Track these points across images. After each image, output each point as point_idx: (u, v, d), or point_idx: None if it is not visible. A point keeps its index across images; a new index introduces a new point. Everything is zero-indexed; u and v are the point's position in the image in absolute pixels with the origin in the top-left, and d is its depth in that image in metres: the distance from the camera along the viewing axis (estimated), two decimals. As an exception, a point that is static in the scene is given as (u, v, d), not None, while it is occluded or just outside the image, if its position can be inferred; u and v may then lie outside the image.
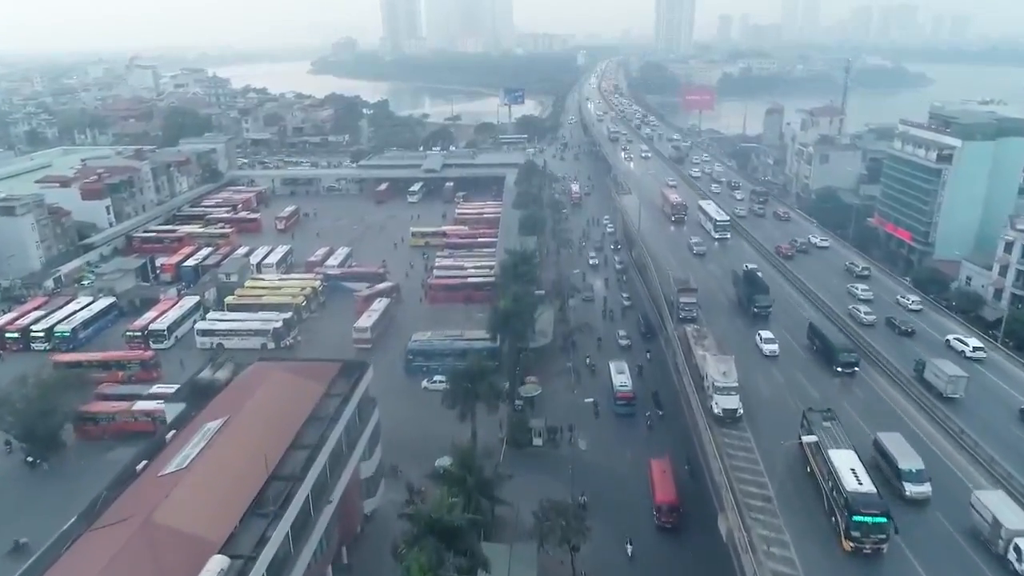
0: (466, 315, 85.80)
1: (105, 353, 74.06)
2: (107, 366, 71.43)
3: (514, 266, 71.28)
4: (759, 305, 67.00)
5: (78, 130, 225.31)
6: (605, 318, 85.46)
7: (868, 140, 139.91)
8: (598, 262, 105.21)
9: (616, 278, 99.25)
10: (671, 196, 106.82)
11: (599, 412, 62.70)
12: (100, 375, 70.21)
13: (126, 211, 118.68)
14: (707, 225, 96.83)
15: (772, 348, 59.61)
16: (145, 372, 70.83)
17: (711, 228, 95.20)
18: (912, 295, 71.30)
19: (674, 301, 67.45)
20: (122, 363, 71.78)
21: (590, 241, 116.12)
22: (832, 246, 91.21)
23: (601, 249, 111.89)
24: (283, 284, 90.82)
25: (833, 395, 53.33)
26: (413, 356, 71.29)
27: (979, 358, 57.58)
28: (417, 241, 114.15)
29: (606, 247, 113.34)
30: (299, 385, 44.44)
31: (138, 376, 70.27)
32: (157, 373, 71.22)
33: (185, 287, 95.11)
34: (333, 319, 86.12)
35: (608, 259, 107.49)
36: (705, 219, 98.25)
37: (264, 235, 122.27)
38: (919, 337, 62.98)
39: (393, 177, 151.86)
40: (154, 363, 72.00)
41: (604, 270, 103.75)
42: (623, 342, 77.61)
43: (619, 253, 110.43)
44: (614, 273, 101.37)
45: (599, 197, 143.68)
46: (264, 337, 77.30)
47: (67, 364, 70.98)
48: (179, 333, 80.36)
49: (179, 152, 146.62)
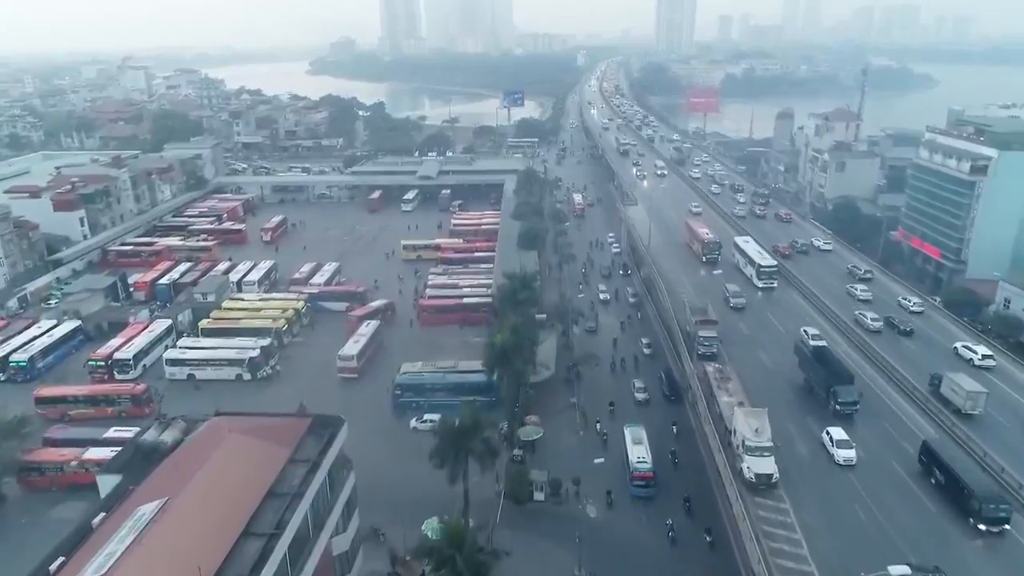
0: (461, 340, 79.14)
1: (92, 387, 67.09)
2: (95, 401, 64.68)
3: (513, 292, 64.48)
4: (843, 401, 49.91)
5: (64, 133, 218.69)
6: (615, 370, 70.88)
7: (885, 146, 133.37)
8: (609, 296, 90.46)
9: (630, 315, 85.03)
10: (700, 231, 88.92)
11: (612, 502, 50.59)
12: (86, 411, 63.93)
13: (102, 222, 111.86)
14: (747, 270, 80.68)
15: (848, 455, 44.76)
16: (136, 408, 64.20)
17: (752, 274, 78.83)
18: (913, 297, 72.53)
19: (691, 332, 60.75)
20: (111, 398, 64.94)
21: (596, 267, 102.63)
22: (836, 249, 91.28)
23: (610, 277, 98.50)
24: (264, 305, 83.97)
25: (955, 553, 38.06)
26: (402, 391, 64.54)
27: (988, 366, 56.54)
28: (409, 255, 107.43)
29: (615, 273, 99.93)
30: (259, 451, 37.73)
31: (128, 412, 63.81)
32: (150, 409, 64.56)
33: (160, 307, 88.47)
34: (319, 343, 79.33)
35: (620, 292, 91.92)
36: (744, 261, 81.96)
37: (249, 247, 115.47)
38: (920, 338, 64.20)
39: (387, 184, 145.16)
40: (146, 397, 65.20)
41: (616, 307, 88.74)
42: (639, 396, 64.81)
43: (630, 281, 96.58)
44: (628, 308, 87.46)
45: (604, 207, 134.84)
46: (239, 367, 70.52)
47: (50, 400, 64.53)
48: (148, 362, 73.51)
49: (161, 158, 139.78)
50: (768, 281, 77.50)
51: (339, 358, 71.91)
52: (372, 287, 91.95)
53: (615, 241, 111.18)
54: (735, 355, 58.48)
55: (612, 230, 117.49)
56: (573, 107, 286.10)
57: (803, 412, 52.35)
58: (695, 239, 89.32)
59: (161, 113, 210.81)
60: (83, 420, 62.72)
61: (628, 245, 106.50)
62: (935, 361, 58.16)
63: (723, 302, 72.22)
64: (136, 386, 66.15)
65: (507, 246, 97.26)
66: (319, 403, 65.53)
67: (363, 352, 73.55)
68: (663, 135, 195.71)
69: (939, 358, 59.16)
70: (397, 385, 64.63)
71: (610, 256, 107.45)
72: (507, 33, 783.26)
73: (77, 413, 63.90)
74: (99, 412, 63.89)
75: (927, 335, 64.61)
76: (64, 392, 65.78)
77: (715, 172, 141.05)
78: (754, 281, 77.98)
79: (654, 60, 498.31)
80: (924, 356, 60.00)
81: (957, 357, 58.92)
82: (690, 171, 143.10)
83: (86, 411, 64.06)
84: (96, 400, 64.77)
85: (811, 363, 55.04)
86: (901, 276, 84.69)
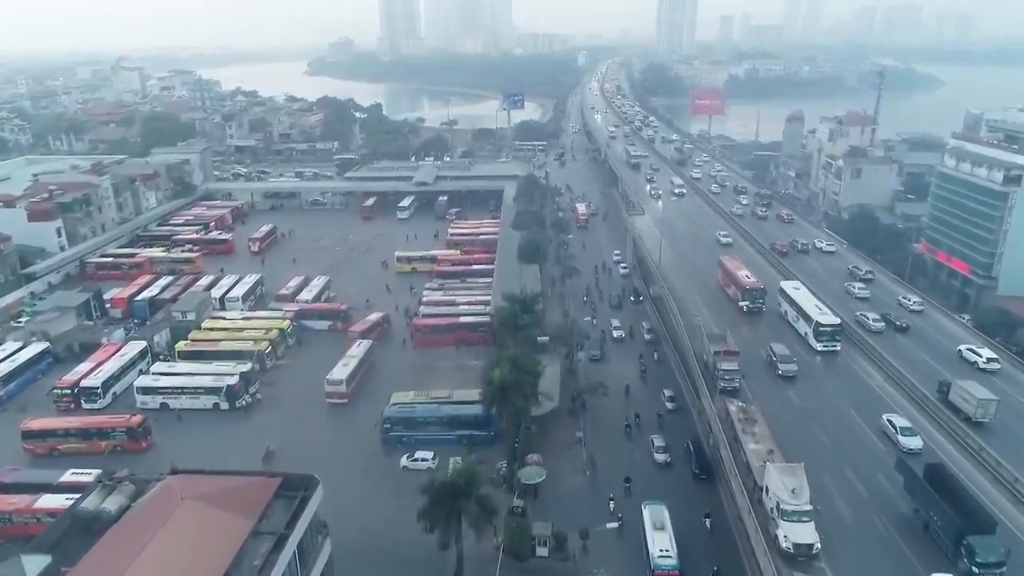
0: (457, 363, 73.90)
1: (83, 419, 61.29)
2: (87, 435, 59.18)
3: (513, 317, 59.02)
4: (982, 562, 34.55)
5: (53, 136, 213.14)
6: (630, 431, 59.66)
7: (901, 151, 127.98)
8: (624, 333, 78.65)
9: (645, 355, 73.35)
10: (738, 273, 71.81)
11: None
12: (77, 446, 58.61)
13: (81, 233, 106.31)
14: (799, 326, 63.58)
15: None
16: (132, 442, 58.95)
17: (808, 332, 61.50)
18: (913, 296, 71.73)
19: (708, 362, 55.27)
20: (104, 431, 59.41)
21: (604, 294, 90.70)
22: (838, 251, 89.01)
23: (620, 307, 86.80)
24: (246, 325, 78.49)
25: None
26: (391, 425, 59.06)
27: (993, 369, 55.34)
28: (403, 267, 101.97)
29: (626, 303, 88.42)
30: (217, 522, 32.30)
31: (124, 446, 58.69)
32: (147, 442, 59.60)
33: (137, 326, 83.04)
34: (305, 366, 73.89)
35: (635, 329, 80.00)
36: (793, 313, 65.03)
37: (237, 258, 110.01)
38: (917, 335, 64.02)
39: (382, 191, 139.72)
40: (143, 430, 59.76)
41: (631, 345, 76.69)
42: (660, 457, 54.80)
43: (643, 310, 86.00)
44: (644, 346, 75.92)
45: (609, 222, 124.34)
46: (216, 396, 65.04)
47: (38, 434, 59.08)
48: (119, 389, 68.06)
49: (147, 164, 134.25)
50: (830, 343, 60.03)
51: (327, 382, 66.75)
52: (363, 304, 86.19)
53: (622, 261, 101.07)
54: (790, 447, 44.28)
55: (618, 243, 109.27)
56: (574, 109, 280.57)
57: (895, 542, 38.61)
58: (731, 282, 72.69)
59: (151, 116, 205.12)
60: (73, 455, 57.79)
61: (634, 256, 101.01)
62: (939, 365, 57.26)
63: (767, 366, 58.15)
64: (132, 417, 60.44)
65: (507, 259, 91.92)
66: (300, 437, 60.75)
67: (353, 375, 68.31)
68: (664, 136, 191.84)
69: (943, 362, 58.14)
70: (386, 418, 59.14)
71: (619, 280, 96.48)
72: (507, 33, 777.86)
73: (67, 448, 58.65)
74: (91, 447, 58.70)
75: (925, 332, 64.80)
76: (54, 425, 60.10)
77: (716, 172, 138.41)
78: (810, 341, 61.03)
79: (655, 60, 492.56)
80: (929, 360, 58.64)
81: (961, 360, 57.80)
82: (691, 171, 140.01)
83: (77, 445, 58.80)
84: (88, 434, 59.27)
85: (925, 492, 38.98)
86: (925, 291, 79.31)
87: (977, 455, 44.49)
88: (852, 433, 49.11)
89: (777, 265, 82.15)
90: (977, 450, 44.71)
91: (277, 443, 58.76)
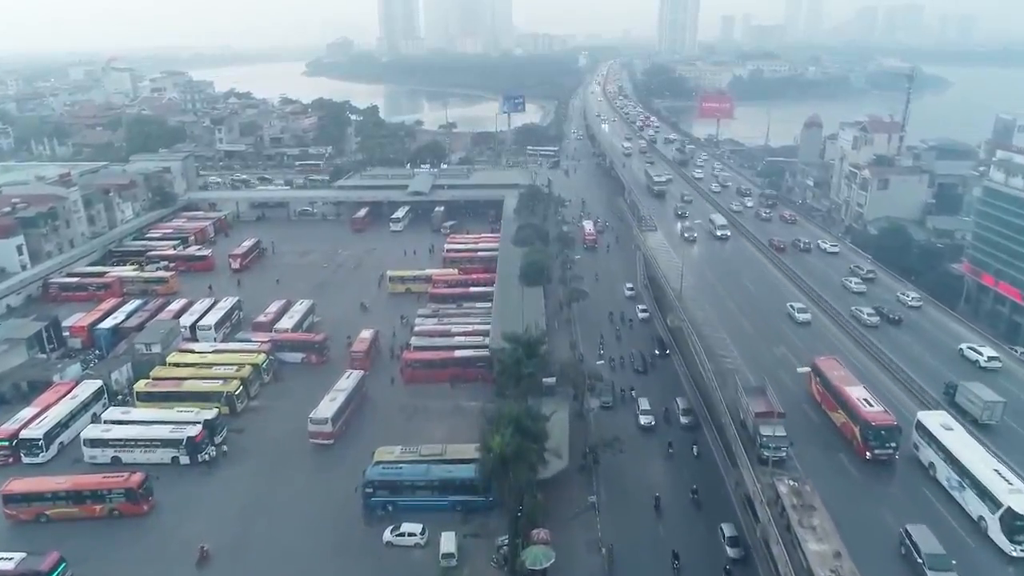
0: (452, 404, 65.84)
1: (75, 478, 52.64)
2: (79, 497, 50.99)
3: (516, 363, 50.75)
4: None
5: (36, 140, 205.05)
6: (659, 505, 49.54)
7: (927, 159, 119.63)
8: (653, 419, 60.14)
9: (672, 448, 56.51)
10: (853, 395, 46.22)
11: None
12: (68, 510, 50.54)
13: (46, 249, 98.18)
14: (968, 501, 39.48)
15: None
16: (132, 505, 51.07)
17: (987, 519, 37.75)
18: (912, 291, 71.11)
19: (747, 422, 46.93)
20: (99, 492, 51.19)
21: (623, 352, 72.97)
22: (842, 251, 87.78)
23: (646, 371, 69.73)
24: (217, 359, 70.04)
25: None
26: (374, 489, 50.81)
27: (994, 368, 54.99)
28: (397, 287, 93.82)
29: (651, 363, 71.31)
30: None
31: (122, 509, 50.85)
32: (149, 505, 51.75)
33: (99, 358, 74.88)
34: (283, 407, 65.84)
35: (670, 412, 61.76)
36: (952, 475, 40.94)
37: (217, 276, 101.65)
38: (913, 330, 63.96)
39: (375, 201, 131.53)
40: (144, 491, 51.73)
41: (664, 433, 59.08)
42: None
43: (671, 366, 71.49)
44: (679, 435, 58.45)
45: (621, 240, 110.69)
46: (175, 449, 56.81)
47: (22, 497, 50.91)
48: (67, 438, 59.82)
49: (124, 172, 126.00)
50: None
51: (311, 421, 59.51)
52: (344, 342, 76.62)
53: (641, 305, 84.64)
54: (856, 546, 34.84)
55: (632, 269, 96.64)
56: (576, 112, 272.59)
57: None
58: (838, 405, 47.47)
59: (137, 119, 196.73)
60: (64, 520, 50.25)
61: (645, 275, 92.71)
62: (941, 364, 56.72)
63: (902, 559, 36.01)
64: (131, 476, 52.10)
65: (508, 281, 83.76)
66: (266, 501, 52.72)
67: (341, 412, 61.00)
68: (665, 137, 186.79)
69: (946, 361, 57.41)
70: (368, 482, 50.83)
71: (638, 330, 79.79)
72: (506, 33, 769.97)
73: (57, 513, 50.67)
74: (85, 510, 50.89)
75: (922, 327, 64.67)
76: (40, 487, 51.57)
77: (718, 173, 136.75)
78: (992, 535, 37.19)
79: (658, 61, 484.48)
80: (931, 360, 57.70)
81: (963, 359, 57.29)
82: (693, 172, 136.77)
83: (68, 510, 50.79)
84: (81, 496, 51.08)
85: None
86: (965, 317, 71.19)
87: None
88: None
89: (776, 262, 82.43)
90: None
91: (244, 502, 51.39)
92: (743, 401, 47.58)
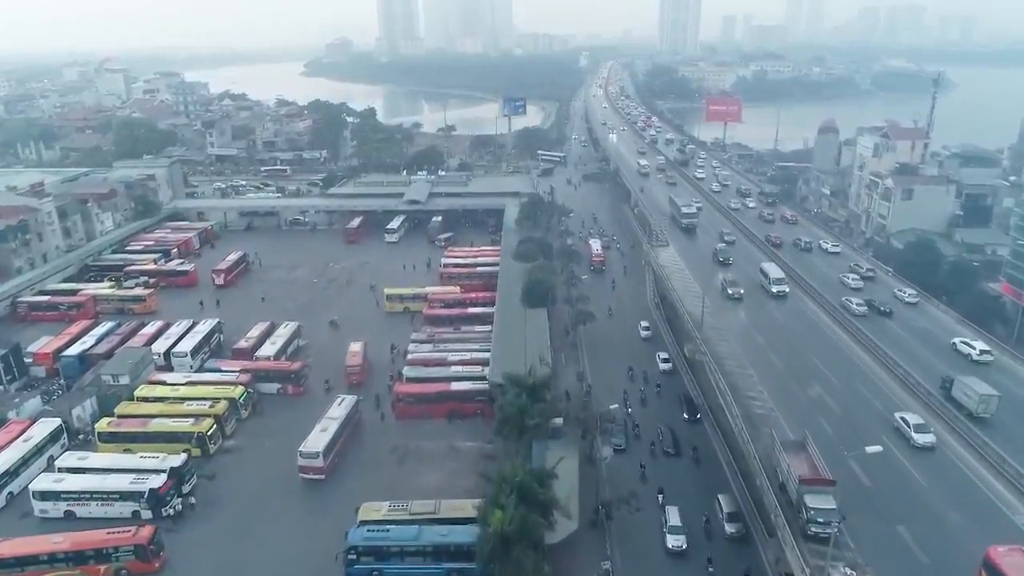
0: (447, 444, 59.70)
1: (74, 536, 46.30)
2: (80, 558, 44.97)
3: (520, 413, 44.45)
4: None
5: (23, 144, 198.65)
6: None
7: (950, 166, 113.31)
8: (683, 542, 45.21)
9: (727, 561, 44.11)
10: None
11: None
12: (68, 573, 44.65)
13: (16, 265, 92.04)
14: None
15: None
16: (142, 563, 45.26)
17: None
18: (909, 288, 72.08)
19: (789, 487, 40.53)
20: (104, 551, 45.21)
21: (657, 436, 57.88)
22: (843, 251, 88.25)
23: (677, 455, 56.06)
24: (190, 393, 63.62)
25: None
26: (358, 555, 44.51)
27: (986, 361, 56.24)
28: (394, 306, 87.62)
29: (680, 439, 57.26)
30: None
31: (130, 568, 45.08)
32: (160, 561, 45.89)
33: (64, 390, 68.58)
34: (263, 447, 59.65)
35: (711, 522, 47.50)
36: None
37: (200, 292, 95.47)
38: (904, 323, 65.05)
39: (369, 210, 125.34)
40: (155, 547, 45.83)
41: (703, 547, 45.50)
42: None
43: (703, 435, 58.64)
44: (724, 549, 45.27)
45: (626, 268, 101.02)
46: (136, 502, 50.53)
47: (13, 561, 44.65)
48: (16, 488, 53.55)
49: (104, 180, 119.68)
50: None
51: (300, 455, 54.18)
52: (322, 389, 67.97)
53: (665, 357, 71.31)
54: None
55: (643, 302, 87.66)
56: (577, 114, 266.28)
57: None
58: None
59: (126, 122, 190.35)
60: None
61: (656, 295, 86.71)
62: (933, 357, 57.87)
63: None
64: (140, 530, 46.21)
65: (509, 301, 77.61)
66: (240, 561, 46.52)
67: (333, 443, 55.61)
68: (666, 137, 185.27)
69: (940, 355, 58.41)
70: (350, 547, 44.49)
71: (663, 387, 66.78)
72: (506, 33, 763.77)
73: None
74: (89, 572, 45.04)
75: (913, 320, 65.83)
76: (35, 549, 45.30)
77: (718, 172, 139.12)
78: None
79: (660, 61, 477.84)
80: (925, 354, 58.65)
81: (956, 352, 58.39)
82: (694, 172, 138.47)
83: (69, 573, 44.84)
84: (83, 556, 45.05)
85: None
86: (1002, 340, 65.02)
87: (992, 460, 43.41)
88: None
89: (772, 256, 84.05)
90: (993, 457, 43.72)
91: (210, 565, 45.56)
92: (782, 461, 41.26)
